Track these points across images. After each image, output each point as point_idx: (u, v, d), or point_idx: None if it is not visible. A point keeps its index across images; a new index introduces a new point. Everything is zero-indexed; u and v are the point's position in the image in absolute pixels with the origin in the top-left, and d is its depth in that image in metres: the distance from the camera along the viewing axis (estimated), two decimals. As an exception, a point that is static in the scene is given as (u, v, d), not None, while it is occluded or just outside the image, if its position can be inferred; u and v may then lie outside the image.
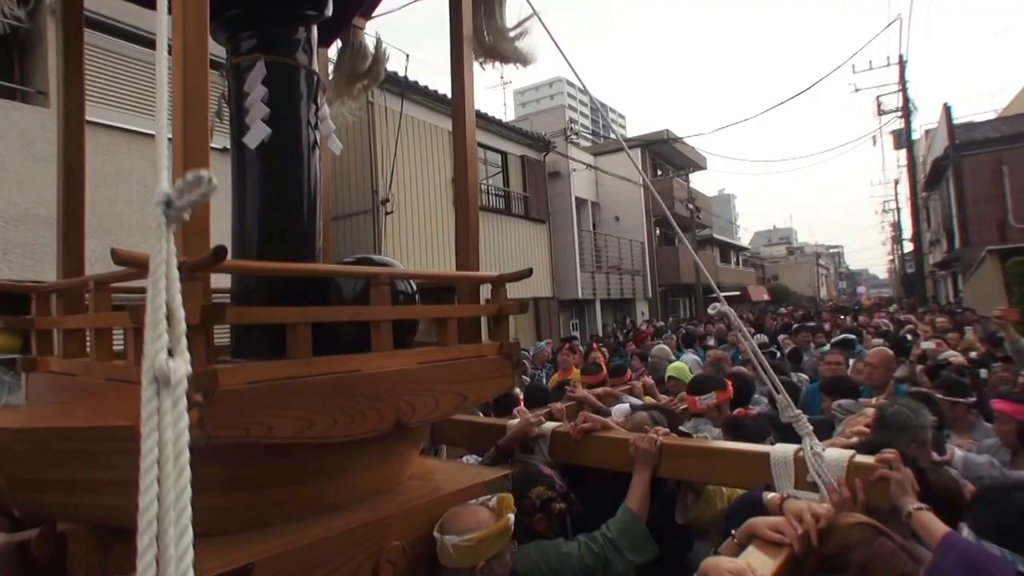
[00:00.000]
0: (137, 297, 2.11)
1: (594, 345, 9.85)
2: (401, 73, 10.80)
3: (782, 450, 2.03)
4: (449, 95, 2.41)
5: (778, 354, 7.33)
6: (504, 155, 15.42)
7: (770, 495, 1.89)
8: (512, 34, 2.55)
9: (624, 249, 20.82)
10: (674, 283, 23.94)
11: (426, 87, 12.08)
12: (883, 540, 1.49)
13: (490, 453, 2.74)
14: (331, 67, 3.03)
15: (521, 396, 4.18)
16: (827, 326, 11.11)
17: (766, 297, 41.06)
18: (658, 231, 24.86)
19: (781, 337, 9.42)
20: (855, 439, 2.47)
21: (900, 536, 1.58)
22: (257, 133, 1.98)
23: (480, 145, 14.01)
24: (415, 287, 2.20)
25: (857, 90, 24.31)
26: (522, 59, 2.62)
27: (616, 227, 21.10)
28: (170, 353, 0.57)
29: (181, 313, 0.60)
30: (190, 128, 1.44)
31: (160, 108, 0.70)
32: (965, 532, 1.69)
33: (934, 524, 1.65)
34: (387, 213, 10.88)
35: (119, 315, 1.66)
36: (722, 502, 2.25)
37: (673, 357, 6.94)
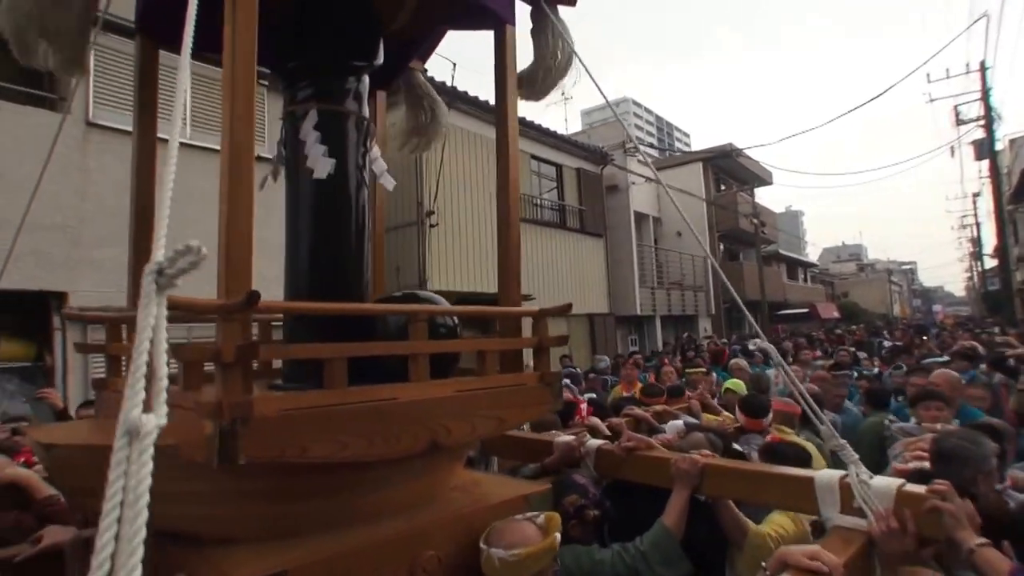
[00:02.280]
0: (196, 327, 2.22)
1: (664, 360, 9.57)
2: (448, 83, 10.46)
3: (828, 475, 1.99)
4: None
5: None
6: (559, 168, 15.00)
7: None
8: (553, 72, 2.56)
9: (686, 265, 20.36)
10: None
11: (475, 97, 11.68)
12: None
13: (534, 468, 2.78)
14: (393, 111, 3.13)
15: (584, 408, 4.15)
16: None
17: (836, 314, 39.31)
18: (722, 247, 24.25)
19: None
20: (913, 464, 2.43)
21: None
22: (324, 166, 2.11)
23: (534, 157, 13.81)
24: (456, 320, 2.25)
25: (932, 100, 22.98)
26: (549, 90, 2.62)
27: (678, 243, 20.65)
28: (147, 408, 0.60)
29: (163, 371, 0.64)
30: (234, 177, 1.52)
31: (164, 186, 0.74)
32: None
33: (998, 561, 1.57)
34: (432, 226, 10.63)
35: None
36: (769, 554, 2.18)
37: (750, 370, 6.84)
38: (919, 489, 1.78)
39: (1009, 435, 2.96)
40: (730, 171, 25.17)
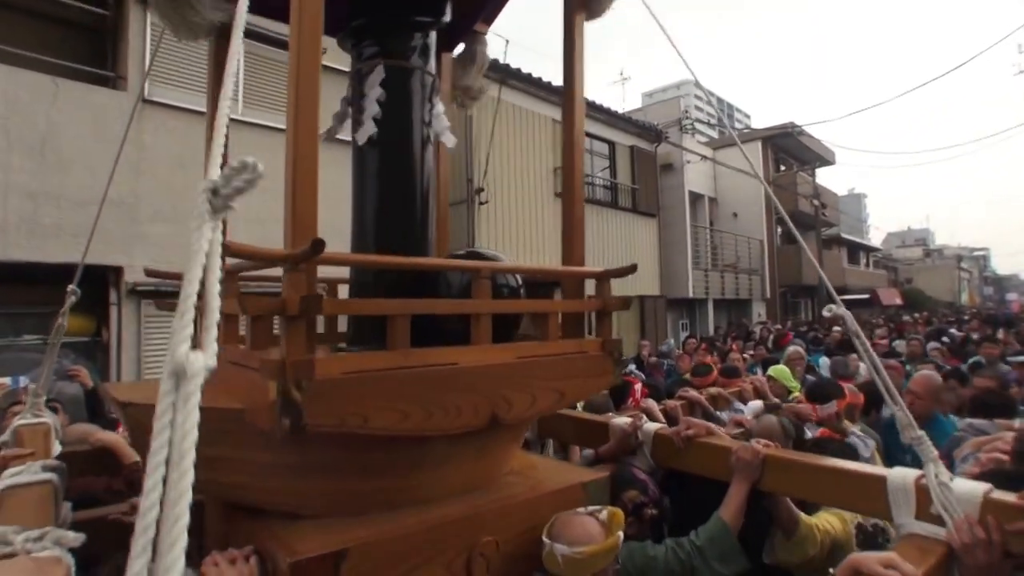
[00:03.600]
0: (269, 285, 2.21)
1: (734, 347, 9.20)
2: (501, 60, 10.43)
3: (902, 475, 1.76)
4: (550, 81, 2.34)
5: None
6: (612, 145, 14.40)
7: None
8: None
9: (741, 247, 19.69)
10: (795, 284, 22.39)
11: (529, 74, 11.37)
12: None
13: (589, 455, 2.66)
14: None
15: (638, 388, 4.00)
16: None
17: (898, 301, 37.56)
18: (779, 229, 23.39)
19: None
20: (991, 465, 2.14)
21: None
22: (364, 131, 2.06)
23: (586, 134, 13.43)
24: (520, 281, 2.15)
25: (1021, 71, 21.39)
26: None
27: (734, 224, 19.96)
28: (196, 345, 0.51)
29: (216, 303, 0.54)
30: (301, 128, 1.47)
31: (224, 97, 0.65)
32: None
33: None
34: (481, 203, 10.37)
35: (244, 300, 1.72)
36: (814, 548, 2.05)
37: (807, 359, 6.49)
38: (1008, 497, 1.56)
39: None
40: (790, 150, 24.13)
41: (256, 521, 1.61)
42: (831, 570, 1.51)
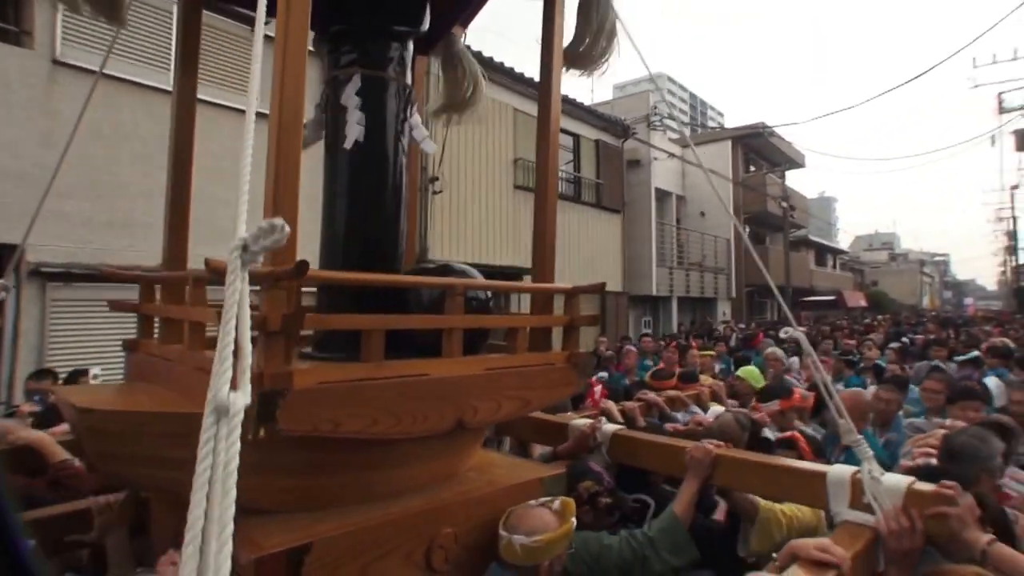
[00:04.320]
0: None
1: (694, 344, 9.58)
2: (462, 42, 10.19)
3: (840, 470, 2.02)
4: (512, 68, 2.44)
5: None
6: (577, 138, 14.47)
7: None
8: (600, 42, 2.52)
9: (708, 246, 20.18)
10: (762, 284, 23.04)
11: (490, 58, 11.09)
12: None
13: (547, 453, 2.86)
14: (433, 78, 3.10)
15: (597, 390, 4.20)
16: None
17: (863, 303, 38.99)
18: (748, 229, 24.00)
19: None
20: (921, 460, 2.50)
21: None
22: (352, 134, 2.13)
23: None
24: (489, 294, 2.28)
25: (976, 86, 22.42)
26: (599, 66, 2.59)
27: (701, 222, 20.43)
28: (234, 385, 0.63)
29: (248, 348, 0.66)
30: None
31: (244, 161, 0.76)
32: None
33: (1013, 556, 1.65)
34: (435, 192, 10.21)
35: (212, 311, 1.80)
36: (780, 531, 2.24)
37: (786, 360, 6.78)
38: (928, 487, 1.82)
39: (1016, 434, 3.02)
40: (761, 151, 24.78)
41: None
42: (774, 555, 1.75)
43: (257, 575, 1.47)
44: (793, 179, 25.93)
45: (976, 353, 7.18)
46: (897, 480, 1.90)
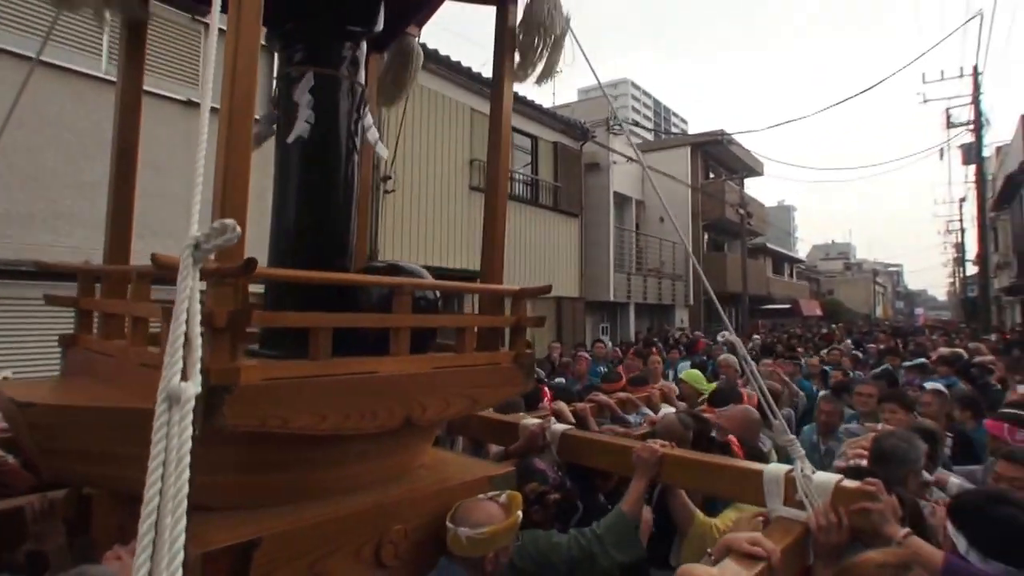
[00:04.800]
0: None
1: (654, 350, 9.89)
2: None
3: (775, 469, 2.20)
4: (470, 67, 2.51)
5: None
6: (535, 140, 14.54)
7: None
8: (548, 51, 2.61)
9: (666, 252, 20.55)
10: (720, 291, 23.43)
11: (447, 57, 11.19)
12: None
13: (498, 453, 2.98)
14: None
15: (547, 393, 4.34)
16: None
17: (818, 312, 40.30)
18: (706, 236, 24.55)
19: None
20: (854, 461, 2.75)
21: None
22: (296, 131, 2.18)
23: None
24: (438, 294, 2.36)
25: (926, 101, 23.44)
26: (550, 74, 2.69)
27: (660, 228, 20.80)
28: (185, 376, 0.70)
29: (199, 341, 0.73)
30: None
31: (198, 161, 0.82)
32: (964, 545, 1.83)
33: (925, 548, 1.83)
34: (387, 192, 10.17)
35: (156, 306, 1.82)
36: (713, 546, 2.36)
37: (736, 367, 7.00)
38: (853, 485, 2.01)
39: (939, 436, 3.32)
40: (720, 159, 25.41)
41: None
42: (709, 550, 1.88)
43: (205, 570, 1.51)
44: (753, 188, 26.67)
45: (922, 360, 7.74)
46: (826, 478, 2.08)
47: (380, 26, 2.44)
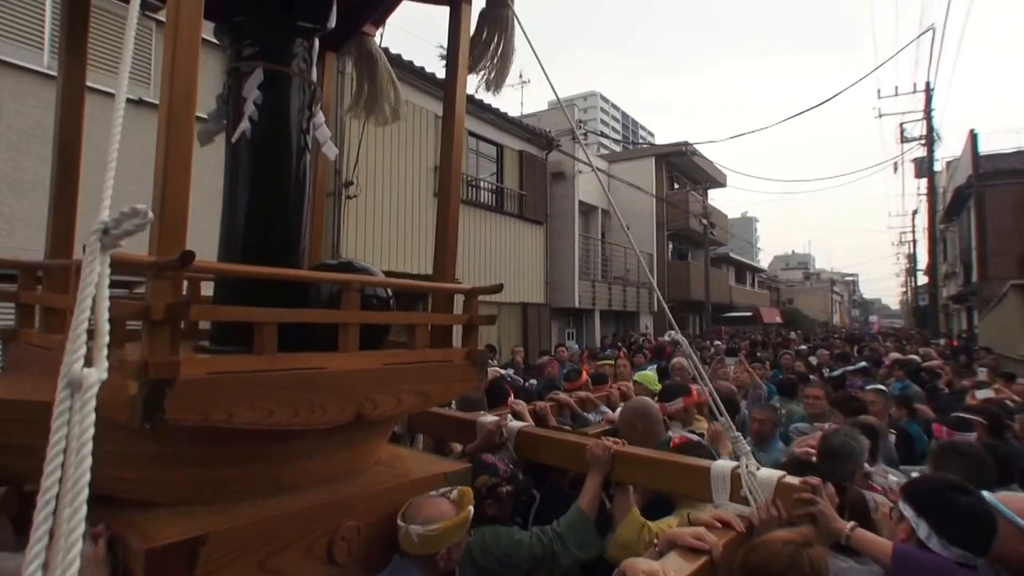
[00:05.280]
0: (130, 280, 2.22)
1: (621, 354, 10.15)
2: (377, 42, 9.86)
3: (722, 465, 2.26)
4: (434, 73, 2.50)
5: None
6: (500, 148, 14.61)
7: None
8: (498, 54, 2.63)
9: (631, 260, 20.75)
10: (684, 299, 23.94)
11: (410, 62, 11.11)
12: (804, 555, 1.63)
13: (456, 454, 2.98)
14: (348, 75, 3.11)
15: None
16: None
17: (778, 320, 41.11)
18: (671, 245, 24.86)
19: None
20: (800, 457, 2.84)
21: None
22: (239, 128, 2.14)
23: (472, 135, 13.38)
24: (390, 292, 2.35)
25: (881, 115, 24.21)
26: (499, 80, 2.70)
27: (625, 237, 20.90)
28: (89, 363, 0.67)
29: (105, 328, 0.70)
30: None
31: (111, 146, 0.79)
32: (925, 531, 1.91)
33: (872, 539, 1.91)
34: (349, 197, 10.02)
35: None
36: (645, 547, 2.32)
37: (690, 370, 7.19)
38: (795, 481, 2.07)
39: (882, 433, 3.56)
40: (684, 170, 25.79)
41: (106, 509, 1.67)
42: (655, 541, 1.93)
43: (148, 567, 1.47)
44: (718, 199, 27.11)
45: (863, 364, 8.23)
46: (770, 474, 2.14)
47: (333, 23, 2.41)
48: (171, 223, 1.55)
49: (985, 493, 2.02)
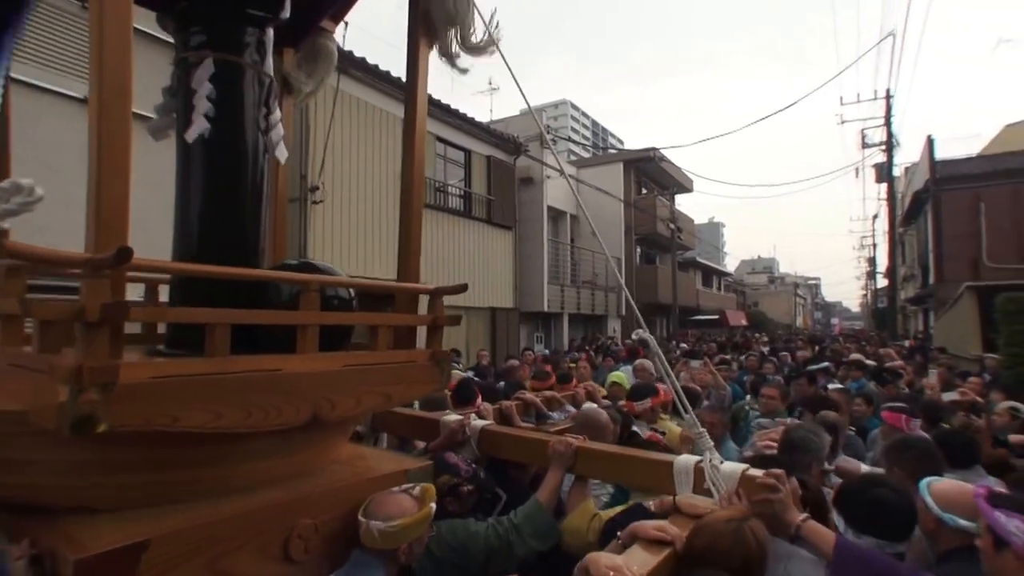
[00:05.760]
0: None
1: (585, 356, 10.34)
2: (341, 45, 9.60)
3: (685, 459, 2.28)
4: (400, 77, 2.44)
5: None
6: (468, 153, 14.48)
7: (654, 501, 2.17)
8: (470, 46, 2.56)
9: (600, 264, 20.87)
10: (652, 302, 24.16)
11: (375, 66, 10.96)
12: (746, 528, 1.71)
13: (419, 451, 2.99)
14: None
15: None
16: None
17: (744, 322, 41.74)
18: (639, 249, 25.06)
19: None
20: (762, 451, 2.93)
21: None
22: (196, 128, 2.03)
23: (440, 140, 13.33)
24: (352, 293, 2.28)
25: (843, 122, 24.75)
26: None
27: (593, 242, 21.06)
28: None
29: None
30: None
31: None
32: (842, 524, 2.13)
33: (821, 531, 1.96)
34: (315, 202, 9.84)
35: (29, 302, 1.68)
36: (594, 536, 2.35)
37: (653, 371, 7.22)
38: (758, 474, 2.08)
39: (841, 428, 3.68)
40: (652, 175, 26.04)
41: (36, 519, 1.59)
42: (618, 533, 1.92)
43: None
44: (685, 205, 27.44)
45: (826, 364, 8.55)
46: (733, 467, 2.15)
47: (287, 13, 2.31)
48: (108, 219, 1.47)
49: (928, 479, 2.20)
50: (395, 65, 11.39)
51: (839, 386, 5.43)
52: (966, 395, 5.80)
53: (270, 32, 2.28)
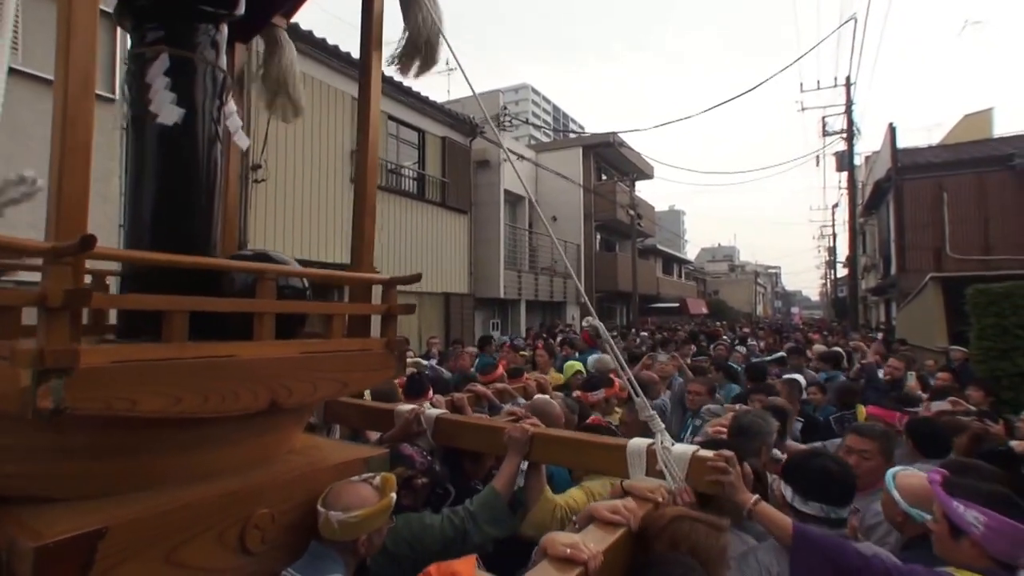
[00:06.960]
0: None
1: (539, 345, 10.47)
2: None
3: (637, 443, 2.43)
4: (349, 52, 2.53)
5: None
6: (422, 133, 14.60)
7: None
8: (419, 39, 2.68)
9: (558, 250, 21.00)
10: (611, 290, 24.58)
11: (323, 40, 10.98)
12: (697, 524, 1.86)
13: (373, 442, 3.08)
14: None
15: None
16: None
17: (704, 311, 42.69)
18: (598, 236, 25.40)
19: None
20: (712, 435, 3.12)
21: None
22: (171, 113, 2.14)
23: (392, 119, 13.29)
24: (306, 283, 2.40)
25: (804, 109, 25.35)
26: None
27: (553, 227, 21.24)
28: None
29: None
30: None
31: None
32: (790, 494, 2.32)
33: (772, 512, 2.14)
34: (256, 181, 9.86)
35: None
36: (555, 523, 2.51)
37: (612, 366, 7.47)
38: (708, 455, 2.26)
39: (790, 414, 3.95)
40: (612, 161, 26.36)
41: None
42: (573, 518, 2.06)
43: (38, 567, 1.44)
44: (645, 192, 27.83)
45: (781, 354, 8.88)
46: (684, 449, 2.34)
47: (242, 10, 2.41)
48: (70, 207, 1.54)
49: (894, 469, 2.45)
50: (343, 39, 11.33)
51: (791, 376, 5.74)
52: (958, 404, 5.15)
53: (224, 28, 2.38)
